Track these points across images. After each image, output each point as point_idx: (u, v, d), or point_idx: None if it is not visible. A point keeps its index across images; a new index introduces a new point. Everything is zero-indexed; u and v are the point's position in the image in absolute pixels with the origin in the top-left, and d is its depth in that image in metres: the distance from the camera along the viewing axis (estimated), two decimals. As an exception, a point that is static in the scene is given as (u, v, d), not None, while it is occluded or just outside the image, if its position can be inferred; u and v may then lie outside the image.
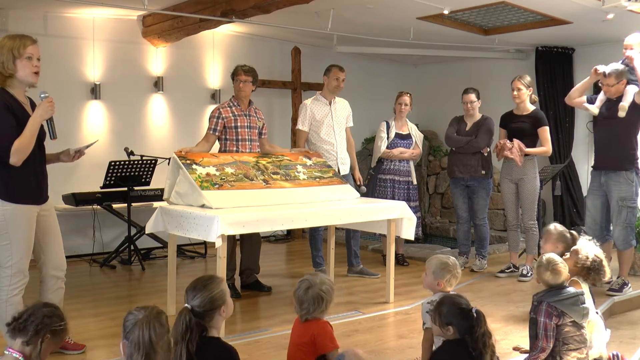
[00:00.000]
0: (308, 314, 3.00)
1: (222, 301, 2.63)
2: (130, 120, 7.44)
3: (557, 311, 3.34)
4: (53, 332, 2.41)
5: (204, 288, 2.62)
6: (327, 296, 3.00)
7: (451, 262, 3.38)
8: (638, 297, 5.19)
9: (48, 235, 3.66)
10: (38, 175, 3.55)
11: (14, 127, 3.35)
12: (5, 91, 3.42)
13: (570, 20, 6.69)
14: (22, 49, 3.38)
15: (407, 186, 6.42)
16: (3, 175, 3.39)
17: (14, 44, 3.38)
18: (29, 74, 3.43)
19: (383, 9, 6.49)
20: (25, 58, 3.39)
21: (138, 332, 2.23)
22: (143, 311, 2.29)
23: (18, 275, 3.44)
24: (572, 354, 3.36)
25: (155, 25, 7.22)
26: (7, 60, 3.37)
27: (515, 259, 6.20)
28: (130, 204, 6.56)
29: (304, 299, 2.99)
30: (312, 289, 2.98)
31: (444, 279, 3.33)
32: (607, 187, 5.26)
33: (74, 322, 4.20)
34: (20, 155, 3.35)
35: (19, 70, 3.40)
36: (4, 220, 3.38)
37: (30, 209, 3.48)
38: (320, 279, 3.04)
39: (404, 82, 9.27)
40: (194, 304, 2.58)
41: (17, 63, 3.39)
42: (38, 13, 6.80)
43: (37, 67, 3.46)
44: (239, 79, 5.29)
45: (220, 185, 4.53)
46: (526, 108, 5.98)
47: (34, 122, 3.40)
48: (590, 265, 3.65)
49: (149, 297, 5.24)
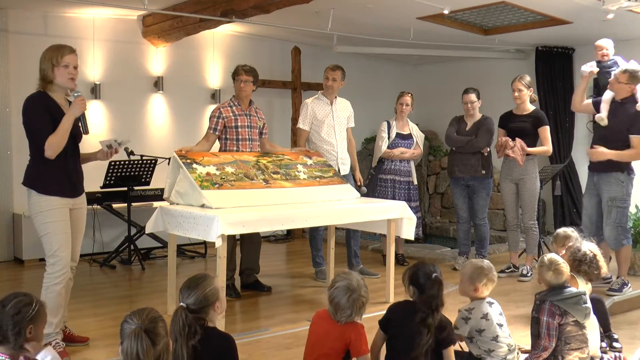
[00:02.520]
0: (349, 318, 2.98)
1: (215, 297, 2.69)
2: (130, 120, 7.44)
3: (559, 310, 3.35)
4: (31, 319, 2.42)
5: (197, 286, 2.67)
6: (365, 298, 3.00)
7: (486, 265, 3.35)
8: (638, 297, 5.19)
9: (75, 227, 3.88)
10: (70, 171, 3.81)
11: (49, 125, 3.65)
12: (46, 94, 3.74)
13: (570, 20, 6.69)
14: (59, 58, 3.70)
15: (408, 186, 6.42)
16: (39, 171, 3.74)
17: (53, 54, 3.71)
18: (65, 80, 3.73)
19: (383, 9, 6.49)
20: (62, 66, 3.70)
21: (126, 343, 2.23)
22: (136, 319, 2.28)
23: (58, 265, 3.71)
24: (573, 353, 3.36)
25: (155, 25, 7.22)
26: (47, 68, 3.71)
27: (515, 259, 6.20)
28: (130, 203, 6.56)
29: (345, 305, 2.96)
30: (353, 294, 2.96)
31: (481, 282, 3.30)
32: (599, 188, 5.31)
33: (75, 322, 4.22)
34: (54, 149, 3.65)
35: (57, 77, 3.72)
36: (41, 212, 3.70)
37: (63, 201, 3.75)
38: (357, 282, 3.01)
39: (404, 82, 9.27)
40: (189, 302, 2.64)
41: (55, 70, 3.70)
42: (38, 13, 6.81)
43: (72, 74, 3.75)
44: (240, 78, 5.29)
45: (220, 185, 4.53)
46: (526, 108, 5.97)
47: (67, 119, 3.69)
48: (582, 258, 3.68)
49: (148, 297, 5.24)
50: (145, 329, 2.25)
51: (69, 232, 3.79)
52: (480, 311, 3.27)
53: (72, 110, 3.70)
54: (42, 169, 3.72)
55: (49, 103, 3.72)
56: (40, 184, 3.71)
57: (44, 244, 3.74)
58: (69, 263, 3.79)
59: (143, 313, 2.31)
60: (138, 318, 2.28)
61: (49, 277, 3.71)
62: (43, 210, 3.70)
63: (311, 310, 4.74)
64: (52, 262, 3.72)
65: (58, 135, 3.64)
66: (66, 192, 3.77)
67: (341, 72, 5.86)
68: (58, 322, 3.71)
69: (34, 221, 3.76)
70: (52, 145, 3.63)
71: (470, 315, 3.27)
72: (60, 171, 3.74)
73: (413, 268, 3.17)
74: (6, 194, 6.67)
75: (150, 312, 2.34)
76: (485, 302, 3.32)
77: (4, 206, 6.65)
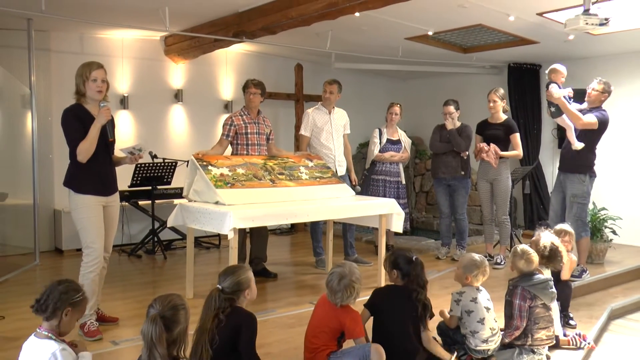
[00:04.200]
0: (342, 301, 2.99)
1: (246, 285, 2.74)
2: (154, 128, 7.44)
3: (530, 294, 3.37)
4: (73, 304, 2.44)
5: (233, 273, 2.74)
6: (357, 285, 3.00)
7: (479, 260, 3.37)
8: (595, 282, 5.21)
9: (108, 222, 3.87)
10: (102, 173, 3.79)
11: (80, 133, 3.65)
12: (80, 106, 3.74)
13: (538, 40, 6.69)
14: (88, 73, 3.70)
15: (397, 185, 6.42)
16: (75, 173, 3.74)
17: (84, 70, 3.71)
18: (94, 92, 3.72)
19: (375, 30, 6.49)
20: (91, 80, 3.69)
21: (144, 326, 2.24)
22: (159, 305, 2.28)
23: (92, 254, 3.72)
24: (541, 332, 3.39)
25: (175, 44, 7.22)
26: (79, 82, 3.72)
27: (491, 249, 6.20)
28: (154, 201, 6.57)
29: (337, 288, 2.97)
30: (344, 279, 2.97)
31: (471, 273, 3.33)
32: (564, 185, 5.34)
33: (106, 304, 4.23)
34: (84, 154, 3.65)
35: (87, 90, 3.72)
36: (77, 209, 3.72)
37: (96, 199, 3.75)
38: (349, 269, 3.01)
39: (394, 94, 9.26)
40: (224, 285, 2.70)
41: (86, 84, 3.70)
42: (75, 34, 6.81)
43: (100, 87, 3.72)
44: (250, 91, 5.29)
45: (232, 184, 4.54)
46: (500, 117, 5.98)
47: (94, 127, 3.67)
48: (547, 253, 3.69)
49: (169, 282, 5.24)
50: (163, 315, 2.24)
51: (102, 227, 3.78)
52: (469, 295, 3.30)
53: (97, 120, 3.69)
54: (77, 171, 3.72)
55: (81, 113, 3.70)
56: (76, 183, 3.72)
57: (81, 236, 3.75)
58: (102, 254, 3.78)
59: (166, 300, 2.30)
60: (160, 304, 2.28)
61: (84, 266, 3.72)
62: (79, 207, 3.71)
63: (312, 295, 4.77)
64: (87, 253, 3.73)
65: (87, 142, 3.64)
66: (99, 191, 3.76)
67: (338, 85, 5.86)
68: (92, 304, 3.71)
69: (72, 216, 3.77)
70: (81, 151, 3.64)
71: (461, 298, 3.30)
72: (93, 173, 3.73)
73: (393, 255, 3.24)
74: (49, 193, 6.67)
75: (173, 300, 2.32)
76: (475, 288, 3.35)
77: (47, 203, 6.65)
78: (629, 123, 7.19)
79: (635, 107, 7.18)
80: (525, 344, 3.37)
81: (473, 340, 3.25)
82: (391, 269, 3.19)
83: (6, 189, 6.30)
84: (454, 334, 3.36)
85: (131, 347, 3.52)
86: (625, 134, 7.17)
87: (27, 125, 6.17)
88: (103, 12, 5.88)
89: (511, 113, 7.69)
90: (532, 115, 8.09)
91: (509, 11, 5.61)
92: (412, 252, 3.24)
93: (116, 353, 3.49)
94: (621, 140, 7.18)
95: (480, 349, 3.24)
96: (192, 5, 5.68)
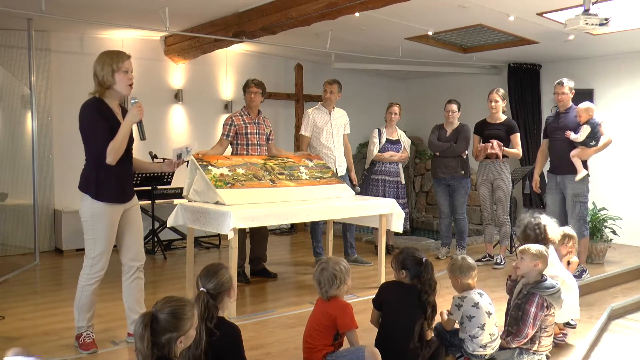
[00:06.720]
0: (327, 292, 2.97)
1: (229, 284, 2.66)
2: (154, 127, 7.41)
3: (547, 302, 3.30)
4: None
5: (216, 274, 2.63)
6: (340, 274, 2.95)
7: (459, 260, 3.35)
8: (595, 282, 5.20)
9: (128, 227, 3.56)
10: (122, 177, 3.45)
11: (107, 132, 3.28)
12: (101, 100, 3.34)
13: (538, 40, 6.69)
14: (120, 62, 3.31)
15: (397, 185, 6.41)
16: (94, 178, 3.34)
17: (113, 59, 3.30)
18: (125, 86, 3.36)
19: (375, 30, 6.49)
20: (123, 71, 3.32)
21: (135, 325, 2.12)
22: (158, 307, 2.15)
23: (97, 267, 3.42)
24: (548, 338, 3.34)
25: (175, 44, 7.22)
26: (107, 73, 3.29)
27: (491, 249, 6.20)
28: (154, 201, 6.57)
29: (320, 279, 2.97)
30: (326, 269, 2.96)
31: (462, 274, 3.32)
32: (563, 186, 5.36)
33: (106, 304, 4.23)
34: (115, 155, 3.29)
35: (117, 83, 3.32)
36: (90, 217, 3.37)
37: (115, 208, 3.42)
38: (334, 261, 3.01)
39: (394, 94, 9.27)
40: (209, 287, 2.59)
41: (116, 76, 3.31)
42: (76, 34, 6.81)
43: (132, 80, 3.38)
44: (250, 90, 5.29)
45: (232, 184, 4.53)
46: (499, 117, 5.98)
47: (125, 125, 3.33)
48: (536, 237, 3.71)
49: (170, 282, 5.24)
50: (157, 318, 2.12)
51: (114, 239, 3.47)
52: (471, 300, 3.24)
53: (130, 117, 3.32)
54: (95, 175, 3.34)
55: (104, 109, 3.32)
56: (94, 189, 3.34)
57: (87, 245, 3.42)
58: (107, 266, 3.48)
59: (168, 303, 2.17)
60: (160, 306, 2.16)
61: (85, 277, 3.43)
62: (94, 215, 3.35)
63: (312, 295, 4.76)
64: (90, 264, 3.42)
65: (117, 141, 3.27)
66: (119, 198, 3.43)
67: (338, 85, 5.86)
68: (90, 316, 3.49)
69: (84, 223, 3.41)
70: (112, 151, 3.27)
71: (462, 303, 3.25)
72: (114, 177, 3.37)
73: (401, 255, 3.16)
74: (49, 193, 6.67)
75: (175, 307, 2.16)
76: (476, 292, 3.30)
77: (47, 203, 6.65)
78: (629, 123, 7.19)
79: (635, 107, 7.18)
80: (530, 349, 3.31)
81: (471, 344, 3.21)
82: (400, 269, 3.14)
83: (6, 189, 6.31)
84: (451, 337, 3.33)
85: (131, 347, 3.52)
86: (625, 134, 7.17)
87: (27, 125, 6.17)
88: (103, 12, 5.87)
89: (511, 113, 7.71)
90: (532, 115, 8.08)
91: (509, 11, 5.61)
92: (421, 252, 3.18)
93: (116, 353, 3.49)
94: (621, 141, 7.17)
95: (478, 354, 3.21)
96: (192, 5, 5.68)
